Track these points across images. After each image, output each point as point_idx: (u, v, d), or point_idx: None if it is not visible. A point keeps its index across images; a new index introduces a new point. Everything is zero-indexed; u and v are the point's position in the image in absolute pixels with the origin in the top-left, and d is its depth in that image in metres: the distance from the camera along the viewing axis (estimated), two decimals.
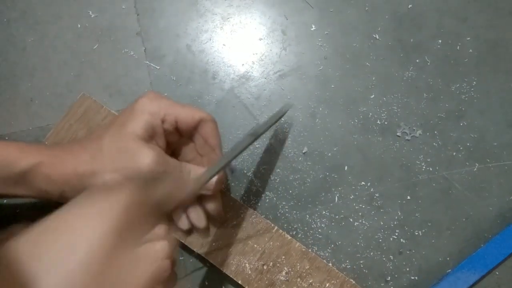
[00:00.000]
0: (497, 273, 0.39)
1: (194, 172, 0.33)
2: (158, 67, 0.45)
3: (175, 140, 0.35)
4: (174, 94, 0.44)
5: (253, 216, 0.38)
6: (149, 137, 0.32)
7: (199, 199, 0.35)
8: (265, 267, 0.37)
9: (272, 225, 0.38)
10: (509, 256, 0.39)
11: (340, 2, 0.46)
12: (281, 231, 0.38)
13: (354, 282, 0.37)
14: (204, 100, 0.44)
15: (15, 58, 0.45)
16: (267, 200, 0.41)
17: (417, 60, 0.44)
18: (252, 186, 0.41)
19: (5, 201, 0.40)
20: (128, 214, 0.23)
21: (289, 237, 0.38)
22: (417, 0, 0.46)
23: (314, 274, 0.37)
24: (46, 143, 0.41)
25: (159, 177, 0.30)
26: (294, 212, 0.41)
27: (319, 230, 0.40)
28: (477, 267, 0.38)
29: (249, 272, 0.37)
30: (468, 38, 0.45)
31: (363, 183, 0.41)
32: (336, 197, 0.41)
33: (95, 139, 0.32)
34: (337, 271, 0.37)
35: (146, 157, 0.30)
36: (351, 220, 0.40)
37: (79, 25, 0.46)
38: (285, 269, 0.37)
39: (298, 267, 0.37)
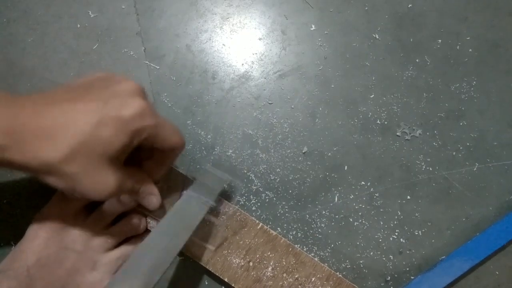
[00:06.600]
0: (497, 272, 0.39)
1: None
2: (157, 67, 0.45)
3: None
4: (174, 94, 0.44)
5: (237, 214, 0.38)
6: (119, 156, 0.30)
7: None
8: (251, 263, 0.37)
9: (257, 221, 0.38)
10: (509, 255, 0.39)
11: (340, 2, 0.46)
12: (266, 227, 0.38)
13: (340, 275, 0.37)
14: (204, 100, 0.44)
15: (15, 58, 0.45)
16: (267, 200, 0.41)
17: (417, 60, 0.44)
18: (252, 186, 0.41)
19: (5, 201, 0.40)
20: None
21: (274, 233, 0.38)
22: (417, 0, 0.46)
23: (300, 269, 0.37)
24: None
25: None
26: (294, 212, 0.41)
27: (319, 230, 0.40)
28: (471, 255, 0.38)
29: (236, 269, 0.37)
30: (468, 38, 0.45)
31: (363, 183, 0.41)
32: (336, 197, 0.41)
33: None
34: (322, 265, 0.37)
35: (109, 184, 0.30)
36: (351, 220, 0.40)
37: (79, 25, 0.46)
38: (271, 264, 0.37)
39: (284, 262, 0.37)
